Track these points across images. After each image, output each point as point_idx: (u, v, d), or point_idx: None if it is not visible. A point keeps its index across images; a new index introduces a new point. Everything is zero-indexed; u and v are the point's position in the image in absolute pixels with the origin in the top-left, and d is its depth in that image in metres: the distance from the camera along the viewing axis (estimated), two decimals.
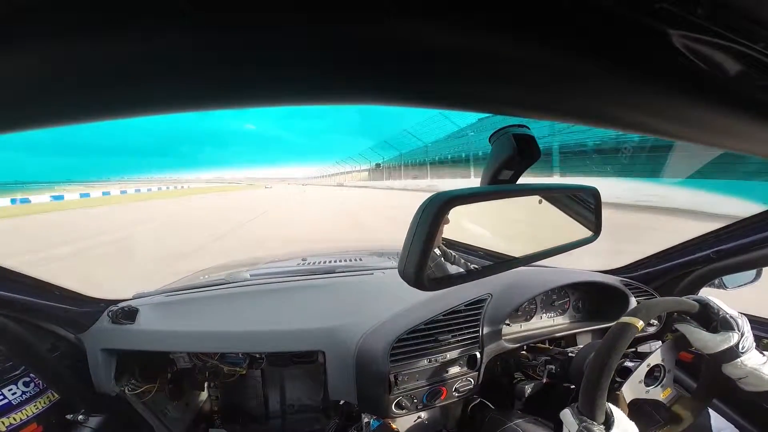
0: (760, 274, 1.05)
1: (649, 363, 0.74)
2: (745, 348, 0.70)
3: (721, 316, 0.73)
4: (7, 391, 0.93)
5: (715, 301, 0.75)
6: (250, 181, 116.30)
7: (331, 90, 0.21)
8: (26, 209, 19.88)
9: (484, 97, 0.24)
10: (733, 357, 0.70)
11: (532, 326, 1.08)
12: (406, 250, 0.40)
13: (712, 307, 0.74)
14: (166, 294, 1.18)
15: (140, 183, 64.76)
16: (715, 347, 0.71)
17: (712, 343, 0.71)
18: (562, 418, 0.67)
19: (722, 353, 0.70)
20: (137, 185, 46.37)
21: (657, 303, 0.75)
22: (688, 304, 0.74)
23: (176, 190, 43.48)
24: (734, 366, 0.70)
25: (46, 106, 0.18)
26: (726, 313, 0.73)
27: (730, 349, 0.70)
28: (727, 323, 0.72)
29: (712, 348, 0.71)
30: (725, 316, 0.72)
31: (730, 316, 0.72)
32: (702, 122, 0.27)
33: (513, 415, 0.93)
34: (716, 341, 0.71)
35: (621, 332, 0.69)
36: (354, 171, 32.39)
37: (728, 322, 0.72)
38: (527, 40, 0.19)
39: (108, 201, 25.26)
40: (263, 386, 1.44)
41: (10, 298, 0.88)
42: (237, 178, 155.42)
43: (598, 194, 0.61)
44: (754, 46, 0.20)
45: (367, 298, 1.09)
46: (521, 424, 0.88)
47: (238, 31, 0.16)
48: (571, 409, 0.67)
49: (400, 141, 26.28)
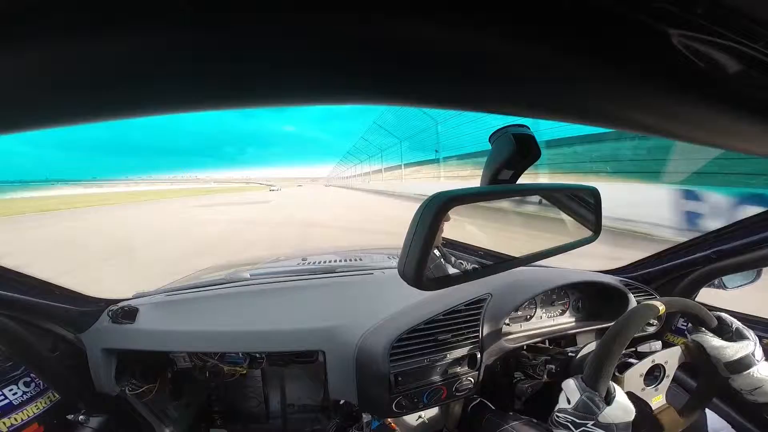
0: (760, 274, 1.04)
1: (654, 359, 0.75)
2: (759, 357, 0.73)
3: (735, 328, 0.76)
4: (8, 392, 0.93)
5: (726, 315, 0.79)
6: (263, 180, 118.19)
7: (331, 90, 0.21)
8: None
9: (484, 97, 0.24)
10: (749, 365, 0.72)
11: (532, 326, 1.08)
12: (406, 250, 0.40)
13: (725, 319, 0.77)
14: (166, 293, 1.18)
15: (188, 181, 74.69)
16: (733, 355, 0.73)
17: (730, 351, 0.73)
18: (564, 387, 0.69)
19: (737, 362, 0.72)
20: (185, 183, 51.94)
21: (680, 300, 0.78)
22: (708, 315, 0.77)
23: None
24: (747, 376, 0.72)
25: (46, 106, 0.18)
26: (738, 324, 0.76)
27: (746, 357, 0.72)
28: (741, 333, 0.75)
29: (730, 356, 0.73)
30: (739, 328, 0.76)
31: (744, 327, 0.76)
32: (702, 122, 0.27)
33: (509, 417, 0.93)
34: (735, 349, 0.73)
35: (642, 310, 0.71)
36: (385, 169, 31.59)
37: (742, 333, 0.75)
38: (527, 40, 0.19)
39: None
40: (263, 386, 1.44)
41: (10, 298, 0.88)
42: (262, 177, 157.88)
43: (598, 194, 0.61)
44: (754, 45, 0.20)
45: (367, 298, 1.09)
46: (517, 426, 0.88)
47: (238, 31, 0.16)
48: (575, 379, 0.68)
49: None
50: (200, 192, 53.98)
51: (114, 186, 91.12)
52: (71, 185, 79.31)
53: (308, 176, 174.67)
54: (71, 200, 28.55)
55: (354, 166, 55.14)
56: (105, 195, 45.69)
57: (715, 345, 0.74)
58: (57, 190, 61.31)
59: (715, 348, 0.74)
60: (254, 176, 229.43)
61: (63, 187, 69.49)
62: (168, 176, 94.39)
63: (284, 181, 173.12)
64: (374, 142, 33.31)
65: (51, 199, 32.37)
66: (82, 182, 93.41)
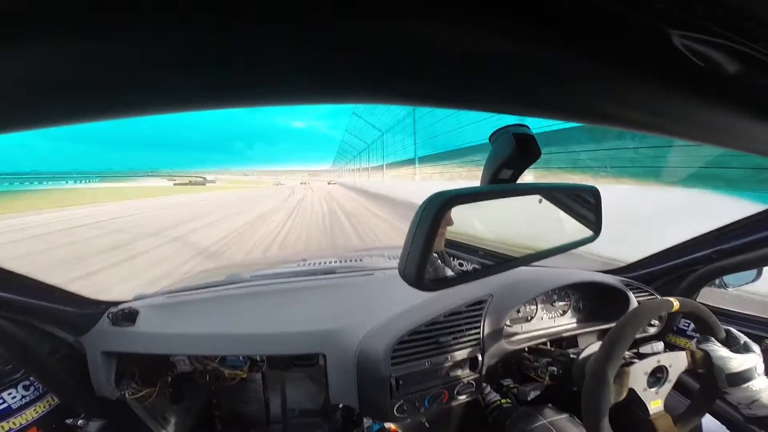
0: (761, 273, 1.04)
1: (659, 360, 0.75)
2: (760, 371, 0.74)
3: (743, 342, 0.78)
4: (7, 395, 0.92)
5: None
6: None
7: (331, 89, 0.21)
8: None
9: (484, 97, 0.24)
10: (749, 379, 0.73)
11: (533, 327, 1.08)
12: (407, 250, 0.40)
13: (734, 332, 0.80)
14: (167, 295, 1.18)
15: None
16: (737, 367, 0.74)
17: (736, 362, 0.74)
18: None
19: (739, 374, 0.73)
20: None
21: (693, 302, 0.80)
22: (717, 324, 0.79)
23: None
24: (746, 389, 0.73)
25: (46, 105, 0.18)
26: (746, 339, 0.78)
27: (748, 371, 0.73)
28: (748, 347, 0.77)
29: (735, 367, 0.74)
30: (747, 342, 0.78)
31: (751, 342, 0.78)
32: (702, 121, 0.27)
33: (546, 410, 0.93)
34: (740, 360, 0.74)
35: (657, 302, 0.75)
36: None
37: (750, 347, 0.77)
38: (527, 40, 0.19)
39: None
40: (264, 390, 1.44)
41: (9, 300, 0.88)
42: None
43: (599, 194, 0.61)
44: (754, 45, 0.20)
45: (367, 299, 1.08)
46: (558, 423, 0.89)
47: (238, 31, 0.16)
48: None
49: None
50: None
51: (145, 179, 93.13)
52: (108, 179, 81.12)
53: (320, 170, 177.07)
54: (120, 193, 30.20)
55: (356, 163, 56.81)
56: (145, 188, 47.02)
57: (722, 355, 0.75)
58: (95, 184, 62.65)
59: (721, 358, 0.75)
60: (260, 171, 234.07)
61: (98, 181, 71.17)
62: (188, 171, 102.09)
63: (291, 174, 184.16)
64: (356, 145, 35.69)
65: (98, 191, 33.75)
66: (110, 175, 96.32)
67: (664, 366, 0.76)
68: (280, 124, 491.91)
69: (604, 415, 0.67)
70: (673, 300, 0.76)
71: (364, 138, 37.01)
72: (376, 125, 28.27)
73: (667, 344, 0.84)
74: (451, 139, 16.66)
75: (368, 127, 29.62)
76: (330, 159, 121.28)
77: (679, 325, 1.17)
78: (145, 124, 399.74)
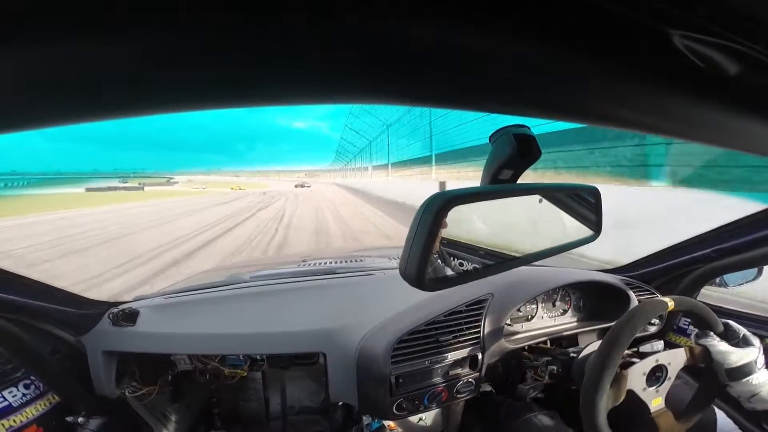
0: (761, 272, 1.04)
1: (657, 359, 0.75)
2: (760, 365, 0.74)
3: (742, 335, 0.77)
4: (8, 394, 0.92)
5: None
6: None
7: (331, 89, 0.21)
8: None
9: (484, 97, 0.24)
10: (750, 373, 0.72)
11: (534, 326, 1.08)
12: (407, 250, 0.40)
13: (733, 326, 0.79)
14: (167, 296, 1.18)
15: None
16: (737, 361, 0.73)
17: (735, 357, 0.74)
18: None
19: (739, 368, 0.73)
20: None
21: (689, 300, 0.80)
22: (715, 318, 0.79)
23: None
24: (746, 383, 0.72)
25: (46, 105, 0.18)
26: (745, 332, 0.77)
27: (748, 365, 0.73)
28: (748, 340, 0.76)
29: (734, 361, 0.73)
30: (746, 335, 0.77)
31: (751, 335, 0.77)
32: (702, 121, 0.27)
33: (534, 407, 0.94)
34: (740, 354, 0.74)
35: (651, 304, 0.75)
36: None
37: (749, 340, 0.76)
38: (527, 40, 0.19)
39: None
40: (264, 388, 1.44)
41: (10, 301, 0.88)
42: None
43: (599, 193, 0.61)
44: (754, 46, 0.20)
45: (367, 299, 1.09)
46: (543, 419, 0.90)
47: (237, 31, 0.16)
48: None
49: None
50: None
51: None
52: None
53: (321, 170, 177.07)
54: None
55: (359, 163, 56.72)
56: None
57: (721, 350, 0.74)
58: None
59: (720, 353, 0.74)
60: (264, 172, 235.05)
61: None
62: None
63: (291, 174, 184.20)
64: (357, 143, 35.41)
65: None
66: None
67: (662, 364, 0.76)
68: (280, 125, 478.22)
69: (602, 416, 0.68)
70: (668, 300, 0.75)
71: (365, 134, 36.33)
72: (380, 117, 27.21)
73: (667, 343, 0.84)
74: (483, 126, 11.37)
75: (370, 121, 28.95)
76: (329, 159, 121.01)
77: (679, 324, 1.17)
78: (133, 123, 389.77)
